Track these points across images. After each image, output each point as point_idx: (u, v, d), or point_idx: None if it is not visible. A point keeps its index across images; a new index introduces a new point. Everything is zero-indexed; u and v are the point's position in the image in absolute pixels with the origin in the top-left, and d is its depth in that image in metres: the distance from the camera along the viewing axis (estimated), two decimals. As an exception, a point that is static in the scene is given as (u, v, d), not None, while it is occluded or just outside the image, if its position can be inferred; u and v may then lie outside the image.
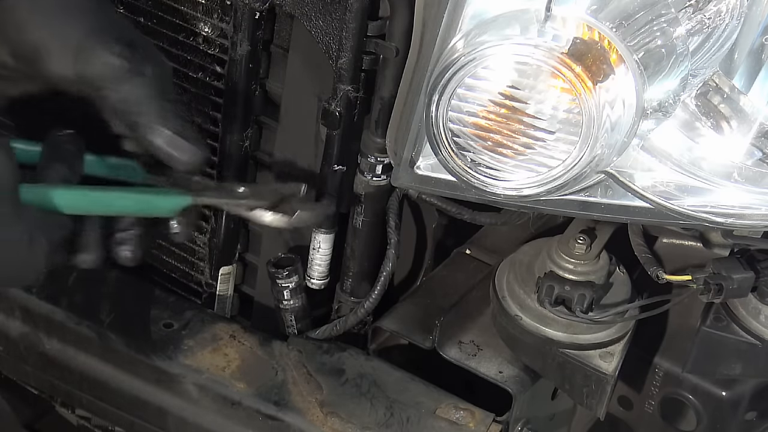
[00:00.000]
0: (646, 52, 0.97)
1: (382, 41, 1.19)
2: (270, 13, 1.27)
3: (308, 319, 1.38)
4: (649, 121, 1.02)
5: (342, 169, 1.27)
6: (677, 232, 1.31)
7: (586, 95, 0.96)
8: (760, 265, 1.22)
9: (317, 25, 1.20)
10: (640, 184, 1.06)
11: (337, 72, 1.20)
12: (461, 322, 1.36)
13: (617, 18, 0.96)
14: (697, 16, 0.99)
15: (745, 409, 1.36)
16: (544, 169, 1.03)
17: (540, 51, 0.96)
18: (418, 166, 1.11)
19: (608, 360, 1.24)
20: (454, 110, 1.01)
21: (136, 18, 1.35)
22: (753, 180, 1.06)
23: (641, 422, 1.43)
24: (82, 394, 1.39)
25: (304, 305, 1.36)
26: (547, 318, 1.23)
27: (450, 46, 1.01)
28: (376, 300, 1.34)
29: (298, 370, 1.31)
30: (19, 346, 1.41)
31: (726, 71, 1.04)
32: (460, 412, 1.27)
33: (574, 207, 1.09)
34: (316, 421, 1.26)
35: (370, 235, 1.33)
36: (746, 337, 1.25)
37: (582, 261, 1.23)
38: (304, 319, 1.37)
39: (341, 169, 1.26)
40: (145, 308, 1.40)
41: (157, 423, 1.35)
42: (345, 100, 1.21)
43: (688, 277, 1.20)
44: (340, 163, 1.26)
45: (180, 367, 1.32)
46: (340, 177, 1.27)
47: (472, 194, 1.08)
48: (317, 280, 1.35)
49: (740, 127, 1.05)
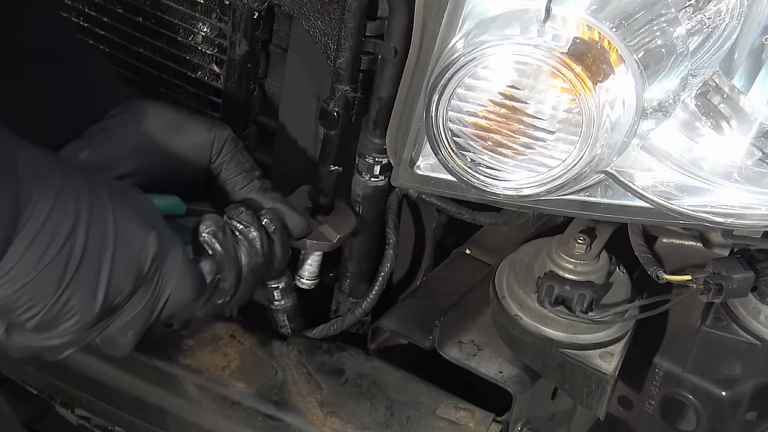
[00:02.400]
0: (646, 51, 0.96)
1: (381, 41, 1.18)
2: (268, 13, 1.27)
3: (301, 319, 1.37)
4: (649, 121, 1.02)
5: (338, 170, 1.26)
6: (677, 232, 1.30)
7: (586, 95, 0.96)
8: (760, 265, 1.22)
9: (316, 25, 1.20)
10: (640, 184, 1.06)
11: (336, 72, 1.20)
12: (461, 322, 1.36)
13: (617, 18, 0.96)
14: (697, 15, 0.99)
15: (745, 409, 1.35)
16: (544, 168, 1.03)
17: (540, 51, 0.96)
18: (418, 165, 1.11)
19: (608, 360, 1.24)
20: (454, 110, 1.01)
21: (135, 18, 1.35)
22: (753, 180, 1.06)
23: (641, 422, 1.43)
24: (81, 393, 1.39)
25: (296, 305, 1.35)
26: (547, 318, 1.23)
27: (450, 46, 1.01)
28: (374, 300, 1.34)
29: (298, 370, 1.31)
30: (18, 346, 1.41)
31: (726, 71, 1.03)
32: (460, 412, 1.27)
33: (574, 207, 1.09)
34: (316, 421, 1.26)
35: (368, 236, 1.33)
36: (746, 337, 1.25)
37: (582, 261, 1.23)
38: (297, 319, 1.37)
39: (337, 170, 1.26)
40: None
41: (157, 423, 1.35)
42: (343, 100, 1.21)
43: (688, 277, 1.20)
44: (337, 163, 1.26)
45: (180, 367, 1.31)
46: (335, 177, 1.27)
47: (472, 194, 1.08)
48: (307, 280, 1.34)
49: (740, 127, 1.05)
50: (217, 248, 1.06)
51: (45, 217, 0.89)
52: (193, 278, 1.03)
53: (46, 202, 0.89)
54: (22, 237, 0.88)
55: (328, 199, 1.28)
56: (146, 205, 1.01)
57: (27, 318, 0.93)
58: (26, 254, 0.89)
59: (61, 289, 0.92)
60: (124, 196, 0.99)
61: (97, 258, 0.94)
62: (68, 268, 0.91)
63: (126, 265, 0.96)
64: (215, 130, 1.15)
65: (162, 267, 1.00)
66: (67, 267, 0.91)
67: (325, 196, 1.28)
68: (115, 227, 0.95)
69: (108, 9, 1.37)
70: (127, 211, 0.97)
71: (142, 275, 0.98)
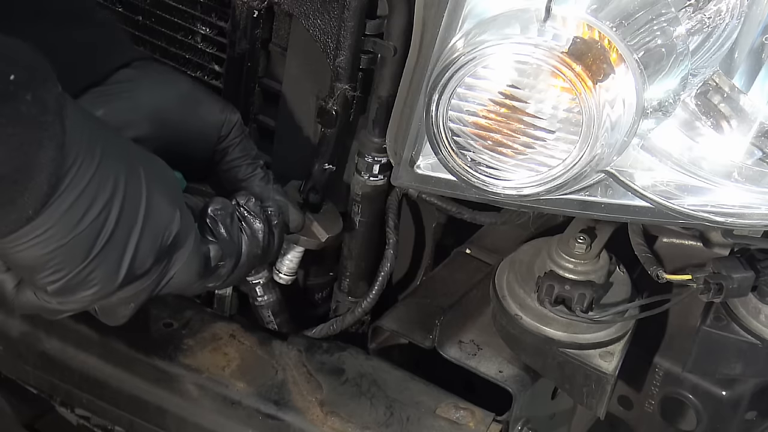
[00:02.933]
0: (646, 51, 0.96)
1: (380, 40, 1.18)
2: (268, 11, 1.27)
3: (287, 314, 1.37)
4: (649, 121, 1.02)
5: (331, 169, 1.26)
6: (677, 231, 1.30)
7: (586, 94, 0.96)
8: (760, 265, 1.22)
9: (315, 23, 1.20)
10: (640, 184, 1.06)
11: (335, 70, 1.20)
12: (461, 321, 1.36)
13: (617, 17, 0.96)
14: (698, 15, 0.99)
15: (745, 409, 1.35)
16: (545, 168, 1.03)
17: (540, 50, 0.96)
18: (418, 165, 1.11)
19: (608, 359, 1.24)
20: (454, 109, 1.01)
21: (135, 17, 1.35)
22: (753, 179, 1.05)
23: (641, 422, 1.43)
24: (81, 393, 1.39)
25: (280, 299, 1.35)
26: (547, 317, 1.23)
27: (450, 46, 1.01)
28: (375, 299, 1.34)
29: (298, 370, 1.31)
30: (18, 345, 1.41)
31: (726, 70, 1.03)
32: (460, 412, 1.27)
33: (574, 206, 1.09)
34: (316, 421, 1.26)
35: (367, 235, 1.33)
36: (746, 336, 1.25)
37: (582, 260, 1.23)
38: (282, 314, 1.36)
39: (330, 168, 1.26)
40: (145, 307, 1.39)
41: (157, 422, 1.35)
42: (342, 99, 1.21)
43: (688, 276, 1.20)
44: (331, 162, 1.26)
45: (180, 367, 1.31)
46: (328, 176, 1.27)
47: (473, 193, 1.08)
48: (285, 275, 1.33)
49: (740, 127, 1.05)
50: (222, 233, 1.05)
51: (87, 182, 0.88)
52: (199, 262, 1.02)
53: (89, 166, 0.88)
54: (62, 198, 0.87)
55: (318, 197, 1.28)
56: (173, 181, 1.01)
57: (50, 281, 0.92)
58: (64, 216, 0.87)
59: (90, 258, 0.91)
60: (156, 169, 0.98)
61: (127, 232, 0.93)
62: (100, 238, 0.90)
63: (151, 241, 0.95)
64: (227, 112, 1.13)
65: (175, 246, 0.99)
66: (99, 237, 0.90)
67: (316, 194, 1.27)
68: (147, 202, 0.94)
69: (108, 8, 1.37)
70: (158, 185, 0.96)
71: (162, 253, 0.97)
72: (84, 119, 0.90)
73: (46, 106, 0.84)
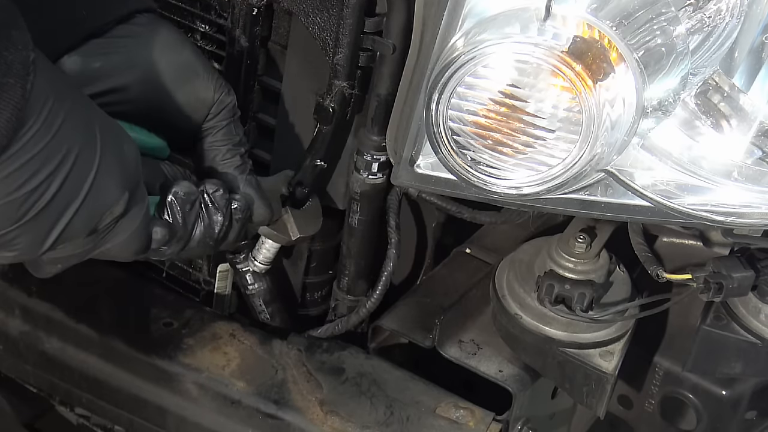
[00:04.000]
0: (646, 50, 0.96)
1: (379, 38, 1.18)
2: (268, 9, 1.27)
3: (278, 303, 1.37)
4: (649, 120, 1.02)
5: (323, 166, 1.26)
6: (677, 230, 1.30)
7: (586, 94, 0.96)
8: (760, 264, 1.21)
9: (314, 21, 1.20)
10: (640, 183, 1.06)
11: (333, 68, 1.20)
12: (461, 321, 1.36)
13: (617, 16, 0.95)
14: (698, 14, 0.99)
15: (745, 408, 1.35)
16: (545, 167, 1.02)
17: (540, 49, 0.96)
18: (418, 164, 1.11)
19: (608, 359, 1.24)
20: (454, 109, 1.01)
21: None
22: (753, 179, 1.05)
23: (641, 421, 1.43)
24: (81, 392, 1.39)
25: (270, 288, 1.35)
26: (547, 317, 1.23)
27: (450, 45, 1.01)
28: (378, 299, 1.34)
29: (298, 369, 1.31)
30: (18, 344, 1.41)
31: (726, 70, 1.03)
32: (460, 411, 1.27)
33: (574, 206, 1.08)
34: (315, 420, 1.26)
35: (366, 234, 1.33)
36: (746, 336, 1.25)
37: (582, 260, 1.23)
38: (274, 303, 1.36)
39: (322, 165, 1.26)
40: (145, 307, 1.39)
41: (157, 422, 1.35)
42: (339, 96, 1.21)
43: (688, 275, 1.20)
44: (324, 159, 1.26)
45: (180, 366, 1.32)
46: (318, 173, 1.27)
47: (473, 193, 1.08)
48: (260, 263, 1.32)
49: (740, 126, 1.05)
50: (177, 218, 1.04)
51: (38, 150, 0.86)
52: (141, 242, 1.01)
53: (44, 135, 0.86)
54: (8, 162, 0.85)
55: (304, 193, 1.28)
56: (132, 156, 0.98)
57: None
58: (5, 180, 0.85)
59: (17, 224, 0.89)
60: (115, 142, 0.95)
61: (63, 206, 0.91)
62: (33, 208, 0.88)
63: (87, 219, 0.93)
64: (221, 91, 1.12)
65: (117, 224, 0.97)
66: (33, 206, 0.88)
67: (303, 189, 1.27)
68: (94, 180, 0.92)
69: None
70: (111, 161, 0.93)
71: (96, 230, 0.95)
72: (53, 86, 0.88)
73: (10, 68, 0.82)
